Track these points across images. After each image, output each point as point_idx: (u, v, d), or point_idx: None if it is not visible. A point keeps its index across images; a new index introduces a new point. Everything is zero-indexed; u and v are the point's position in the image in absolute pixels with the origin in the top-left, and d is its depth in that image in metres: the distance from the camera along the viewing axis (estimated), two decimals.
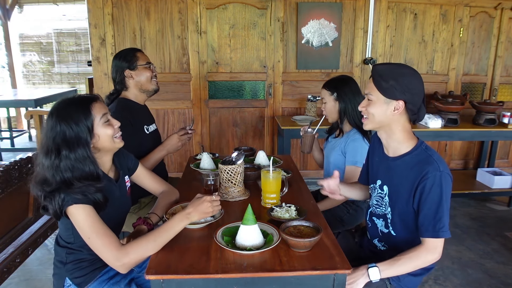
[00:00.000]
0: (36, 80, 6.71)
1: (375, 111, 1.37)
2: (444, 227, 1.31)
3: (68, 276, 1.40)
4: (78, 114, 1.27)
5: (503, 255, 2.78)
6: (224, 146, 3.85)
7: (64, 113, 1.27)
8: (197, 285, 1.15)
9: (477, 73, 4.06)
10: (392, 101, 1.34)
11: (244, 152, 1.77)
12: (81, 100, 1.32)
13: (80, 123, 1.26)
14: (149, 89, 2.08)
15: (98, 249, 1.23)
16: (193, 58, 3.62)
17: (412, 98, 1.33)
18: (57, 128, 1.25)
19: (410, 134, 1.41)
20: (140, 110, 2.10)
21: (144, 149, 2.03)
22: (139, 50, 2.08)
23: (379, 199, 1.51)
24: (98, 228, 1.23)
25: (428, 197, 1.31)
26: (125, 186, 1.52)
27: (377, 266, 1.34)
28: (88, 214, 1.23)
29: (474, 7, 3.82)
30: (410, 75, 1.34)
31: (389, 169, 1.45)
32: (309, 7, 3.61)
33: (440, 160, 1.33)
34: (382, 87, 1.34)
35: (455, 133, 3.31)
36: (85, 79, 4.03)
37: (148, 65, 2.05)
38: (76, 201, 1.22)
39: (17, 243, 1.87)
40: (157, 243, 1.24)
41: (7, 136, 5.40)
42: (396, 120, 1.37)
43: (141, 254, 1.22)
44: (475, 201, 3.78)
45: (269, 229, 1.36)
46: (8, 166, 1.74)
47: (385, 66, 1.39)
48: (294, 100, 3.82)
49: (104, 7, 3.43)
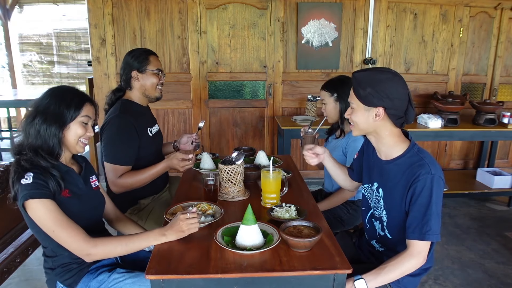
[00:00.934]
0: (36, 80, 6.71)
1: (357, 119, 1.38)
2: (430, 230, 1.28)
3: (58, 280, 1.42)
4: (71, 101, 1.36)
5: (503, 255, 2.78)
6: (224, 146, 3.85)
7: (59, 93, 1.38)
8: (197, 285, 1.15)
9: (477, 73, 4.06)
10: (372, 108, 1.33)
11: (244, 152, 1.77)
12: (81, 94, 1.42)
13: (69, 108, 1.35)
14: (151, 95, 2.05)
15: (64, 241, 1.25)
16: (193, 58, 3.62)
17: (391, 103, 1.31)
18: (46, 100, 1.35)
19: (400, 137, 1.40)
20: (143, 113, 2.07)
21: (147, 151, 2.01)
22: (153, 54, 2.05)
23: (376, 201, 1.51)
24: (61, 220, 1.25)
25: (418, 199, 1.30)
26: (90, 181, 1.51)
27: (363, 278, 1.31)
28: (47, 208, 1.24)
29: (474, 7, 3.82)
30: (388, 81, 1.31)
31: (383, 173, 1.45)
32: (309, 7, 3.61)
33: (432, 163, 1.32)
34: (360, 95, 1.34)
35: (455, 133, 3.31)
36: (85, 79, 4.02)
37: (157, 72, 2.02)
38: (32, 195, 1.22)
39: (17, 243, 1.87)
40: (128, 248, 1.28)
41: (7, 136, 5.39)
42: (381, 126, 1.36)
43: (109, 251, 1.27)
44: (475, 201, 3.78)
45: (269, 229, 1.36)
46: (8, 166, 1.74)
47: (363, 73, 1.36)
48: (294, 100, 3.82)
49: (104, 7, 3.43)
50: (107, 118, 1.94)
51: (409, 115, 1.35)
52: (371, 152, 1.54)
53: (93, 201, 1.51)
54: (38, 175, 1.26)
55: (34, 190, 1.23)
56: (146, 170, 1.91)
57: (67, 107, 1.35)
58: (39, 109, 1.33)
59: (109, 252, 1.29)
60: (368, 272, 1.33)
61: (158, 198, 2.12)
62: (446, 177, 3.66)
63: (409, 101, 1.34)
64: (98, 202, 1.55)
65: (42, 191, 1.25)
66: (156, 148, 2.15)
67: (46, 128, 1.32)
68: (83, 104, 1.38)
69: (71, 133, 1.37)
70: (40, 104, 1.34)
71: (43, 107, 1.34)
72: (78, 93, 1.41)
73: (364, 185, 1.60)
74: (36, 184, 1.24)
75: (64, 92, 1.39)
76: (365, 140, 1.61)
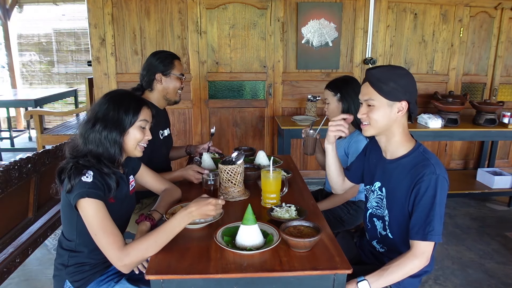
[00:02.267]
0: (35, 80, 6.71)
1: (378, 116, 1.36)
2: (433, 231, 1.28)
3: (68, 279, 1.41)
4: (129, 106, 1.37)
5: (503, 255, 2.78)
6: (224, 146, 3.85)
7: (118, 98, 1.38)
8: (197, 285, 1.15)
9: (477, 73, 4.06)
10: (396, 102, 1.34)
11: (244, 152, 1.77)
12: (137, 97, 1.45)
13: (127, 113, 1.36)
14: (172, 99, 2.08)
15: (103, 247, 1.24)
16: (193, 58, 3.62)
17: (412, 97, 1.35)
18: (104, 106, 1.35)
19: (408, 136, 1.41)
20: (158, 114, 2.07)
21: (156, 155, 2.01)
22: (178, 58, 2.07)
23: (379, 200, 1.50)
24: (106, 225, 1.24)
25: (422, 199, 1.30)
26: (129, 185, 1.52)
27: (366, 279, 1.30)
28: (98, 209, 1.24)
29: (474, 7, 3.82)
30: (406, 75, 1.35)
31: (386, 172, 1.45)
32: (309, 7, 3.61)
33: (437, 164, 1.32)
34: (383, 90, 1.33)
35: (455, 133, 3.30)
36: (85, 79, 4.03)
37: (181, 76, 2.05)
38: (89, 194, 1.23)
39: (17, 243, 1.86)
40: (158, 243, 1.23)
41: (7, 136, 5.40)
42: (398, 122, 1.37)
43: (142, 255, 1.22)
44: (475, 201, 3.78)
45: (269, 229, 1.36)
46: (8, 166, 1.74)
47: (380, 69, 1.37)
48: (294, 100, 3.82)
49: (104, 7, 3.43)
50: None
51: (415, 111, 1.39)
52: (374, 151, 1.54)
53: (130, 205, 1.53)
54: (97, 176, 1.28)
55: (92, 189, 1.24)
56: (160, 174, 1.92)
57: (125, 112, 1.36)
58: (99, 115, 1.34)
59: (143, 255, 1.23)
60: (371, 273, 1.32)
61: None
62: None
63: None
64: (131, 206, 1.57)
65: (99, 192, 1.26)
66: (165, 152, 2.16)
67: (107, 135, 1.32)
68: (140, 108, 1.39)
69: (130, 138, 1.38)
70: (99, 110, 1.35)
71: (102, 113, 1.34)
72: (134, 97, 1.43)
73: (366, 186, 1.60)
74: (95, 184, 1.26)
75: (122, 97, 1.39)
76: (369, 142, 1.60)
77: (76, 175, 1.26)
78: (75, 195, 1.24)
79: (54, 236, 2.72)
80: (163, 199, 1.60)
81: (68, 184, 1.26)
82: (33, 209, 2.00)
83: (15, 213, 1.90)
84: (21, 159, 1.85)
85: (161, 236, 1.24)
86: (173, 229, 1.26)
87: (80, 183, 1.24)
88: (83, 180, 1.25)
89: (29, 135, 5.93)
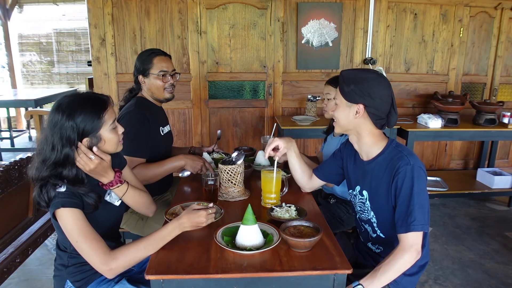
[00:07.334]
0: (36, 80, 6.71)
1: (339, 115, 1.42)
2: (415, 221, 1.26)
3: (69, 279, 1.41)
4: (90, 116, 1.27)
5: (503, 255, 2.78)
6: (224, 146, 3.84)
7: (75, 110, 1.25)
8: (197, 285, 1.15)
9: (477, 73, 4.06)
10: (353, 104, 1.37)
11: (244, 152, 1.77)
12: (96, 103, 1.30)
13: (89, 123, 1.27)
14: (159, 97, 2.05)
15: (85, 253, 1.23)
16: (193, 58, 3.62)
17: (372, 102, 1.34)
18: (62, 121, 1.24)
19: (379, 136, 1.43)
20: (156, 111, 2.08)
21: (158, 150, 2.01)
22: (158, 55, 2.00)
23: (361, 204, 1.51)
24: (86, 232, 1.23)
25: (401, 191, 1.31)
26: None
27: (361, 283, 1.29)
28: (76, 218, 1.23)
29: (474, 7, 3.82)
30: (371, 80, 1.35)
31: (366, 173, 1.46)
32: (309, 7, 3.61)
33: (410, 154, 1.35)
34: (343, 91, 1.38)
35: (455, 133, 3.31)
36: (85, 79, 4.03)
37: (161, 74, 1.98)
38: (64, 204, 1.22)
39: (17, 243, 1.86)
40: (147, 250, 1.24)
41: (7, 136, 5.39)
42: (361, 124, 1.39)
43: (129, 260, 1.23)
44: (475, 201, 3.78)
45: (269, 229, 1.36)
46: (8, 166, 1.74)
47: (350, 71, 1.42)
48: (294, 100, 3.82)
49: (104, 7, 3.43)
50: (122, 113, 1.97)
51: (391, 119, 1.38)
52: (351, 156, 1.56)
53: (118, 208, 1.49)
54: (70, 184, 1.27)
55: (66, 198, 1.23)
56: (162, 163, 1.90)
57: (90, 120, 1.28)
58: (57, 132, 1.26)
59: (130, 261, 1.23)
60: (364, 276, 1.31)
61: (160, 198, 2.13)
62: (446, 177, 3.69)
63: (392, 104, 1.37)
64: (120, 210, 1.53)
65: (74, 200, 1.25)
66: (166, 148, 2.16)
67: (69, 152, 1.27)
68: (103, 114, 1.30)
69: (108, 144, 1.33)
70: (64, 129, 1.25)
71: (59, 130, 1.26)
72: (94, 103, 1.31)
73: (349, 191, 1.61)
74: (69, 192, 1.25)
75: (81, 104, 1.28)
76: (346, 145, 1.61)
77: (49, 188, 1.25)
78: (51, 207, 1.24)
79: (54, 236, 2.71)
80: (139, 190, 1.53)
81: (46, 199, 1.25)
82: (33, 209, 2.00)
83: (15, 213, 1.90)
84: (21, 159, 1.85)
85: (151, 243, 1.25)
86: (163, 238, 1.26)
87: (54, 195, 1.24)
88: (57, 190, 1.24)
89: (29, 135, 5.93)
